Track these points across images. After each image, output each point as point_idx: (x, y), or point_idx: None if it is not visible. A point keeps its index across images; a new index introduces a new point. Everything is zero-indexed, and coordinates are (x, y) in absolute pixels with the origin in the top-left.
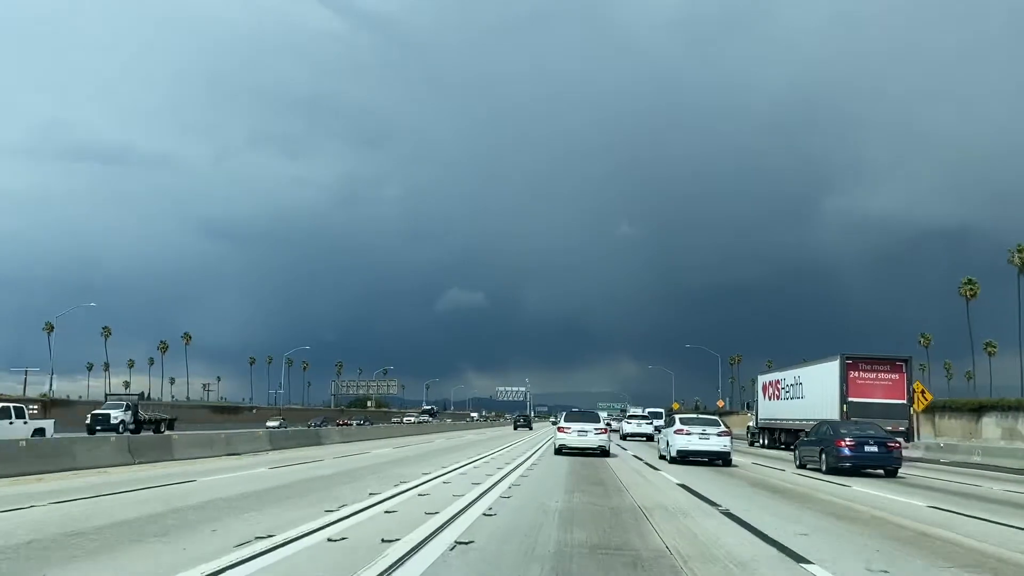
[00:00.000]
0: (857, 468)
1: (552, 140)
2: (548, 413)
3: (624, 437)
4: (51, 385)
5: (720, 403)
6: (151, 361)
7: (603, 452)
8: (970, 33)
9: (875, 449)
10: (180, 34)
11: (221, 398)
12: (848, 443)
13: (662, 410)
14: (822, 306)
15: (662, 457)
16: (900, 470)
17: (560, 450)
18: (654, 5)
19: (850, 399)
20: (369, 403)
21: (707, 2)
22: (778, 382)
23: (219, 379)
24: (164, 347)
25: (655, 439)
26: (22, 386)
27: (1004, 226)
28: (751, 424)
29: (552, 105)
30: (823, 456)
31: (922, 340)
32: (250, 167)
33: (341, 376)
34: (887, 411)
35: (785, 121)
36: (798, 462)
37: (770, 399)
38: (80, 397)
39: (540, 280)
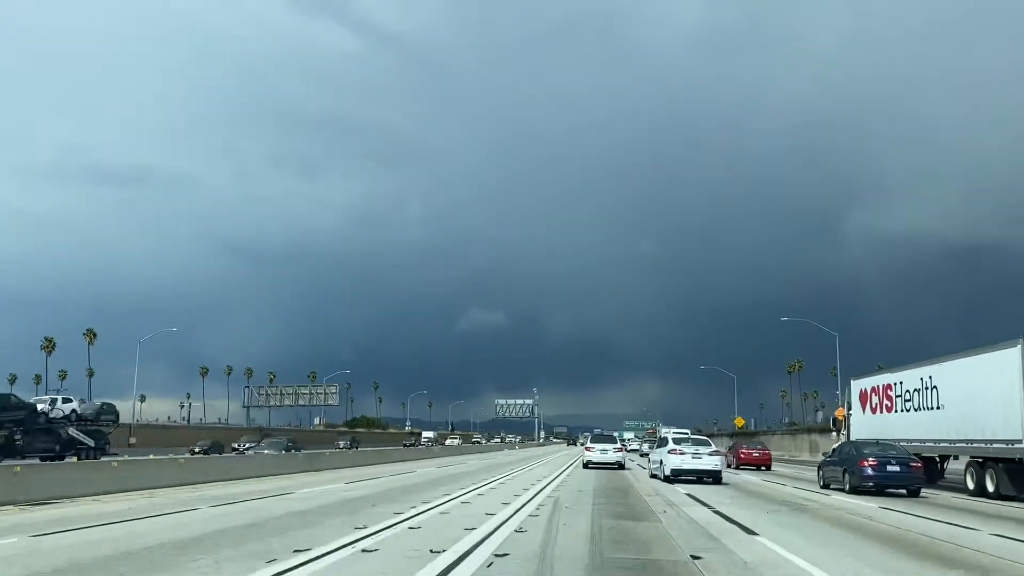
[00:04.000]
0: (880, 488)
1: (573, 160)
2: (569, 434)
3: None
4: None
5: (839, 412)
6: (90, 372)
7: (620, 466)
8: (994, 52)
9: (897, 469)
10: (199, 55)
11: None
12: (871, 463)
13: (687, 431)
14: (851, 324)
15: (654, 476)
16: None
17: (587, 464)
18: (673, 25)
19: None
20: (318, 420)
21: (726, 22)
22: (889, 387)
23: (188, 396)
24: (49, 345)
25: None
26: None
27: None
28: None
29: (573, 125)
30: (846, 476)
31: None
32: (269, 188)
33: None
34: None
35: (807, 139)
36: (822, 482)
37: (875, 412)
38: None
39: (561, 301)
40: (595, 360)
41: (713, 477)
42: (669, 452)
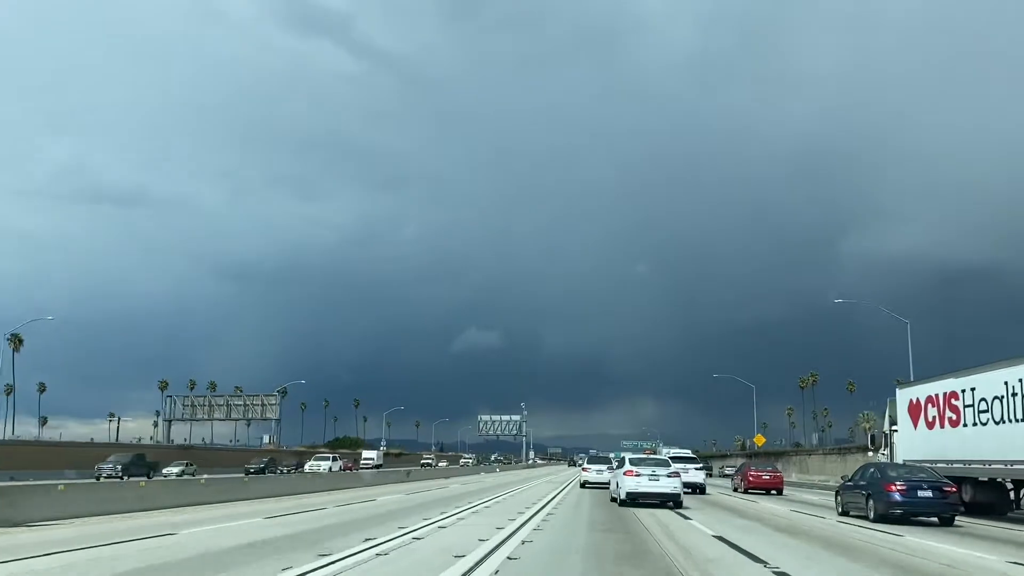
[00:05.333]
0: (909, 516)
1: (569, 181)
2: (565, 455)
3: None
4: None
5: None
6: (41, 387)
7: None
8: (991, 75)
9: (929, 494)
10: (194, 76)
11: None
12: (899, 487)
13: (688, 451)
14: (845, 345)
15: (613, 500)
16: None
17: (584, 484)
18: (668, 49)
19: None
20: (267, 438)
21: (722, 46)
22: (954, 395)
23: (158, 413)
24: None
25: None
26: None
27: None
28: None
29: (569, 146)
30: (870, 502)
31: None
32: (265, 208)
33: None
34: None
35: (803, 162)
36: (840, 508)
37: (931, 426)
38: None
39: (558, 320)
40: (592, 380)
41: (673, 501)
42: (624, 474)
